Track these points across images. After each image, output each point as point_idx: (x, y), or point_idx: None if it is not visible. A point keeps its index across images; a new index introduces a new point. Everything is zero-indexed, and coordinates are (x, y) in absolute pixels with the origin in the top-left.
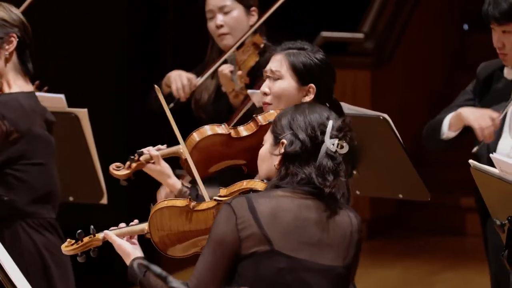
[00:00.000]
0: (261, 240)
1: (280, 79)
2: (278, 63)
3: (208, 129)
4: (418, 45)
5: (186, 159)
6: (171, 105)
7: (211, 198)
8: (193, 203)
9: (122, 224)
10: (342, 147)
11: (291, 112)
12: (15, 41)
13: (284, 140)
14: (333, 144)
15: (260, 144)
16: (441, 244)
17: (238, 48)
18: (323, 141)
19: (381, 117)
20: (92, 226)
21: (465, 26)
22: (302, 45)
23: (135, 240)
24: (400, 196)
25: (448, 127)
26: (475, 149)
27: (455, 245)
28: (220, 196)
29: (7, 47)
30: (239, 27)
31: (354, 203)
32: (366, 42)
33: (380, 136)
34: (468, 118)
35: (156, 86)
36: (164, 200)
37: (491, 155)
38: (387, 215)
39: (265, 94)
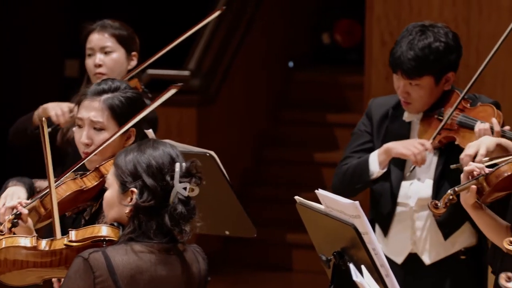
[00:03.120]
0: None
1: (104, 129)
2: (98, 112)
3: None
4: (243, 82)
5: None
6: (49, 129)
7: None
8: (40, 244)
9: None
10: (192, 190)
11: (135, 154)
12: None
13: (133, 189)
14: (184, 189)
15: None
16: (268, 280)
17: None
18: (173, 186)
19: (208, 154)
20: None
21: (290, 64)
22: (114, 84)
23: None
24: (227, 233)
25: (378, 165)
26: (408, 173)
27: (282, 281)
28: (70, 241)
29: None
30: (117, 70)
31: None
32: (192, 80)
33: (207, 173)
34: (397, 149)
35: (44, 119)
36: (10, 237)
37: (316, 191)
38: (213, 252)
39: (86, 144)
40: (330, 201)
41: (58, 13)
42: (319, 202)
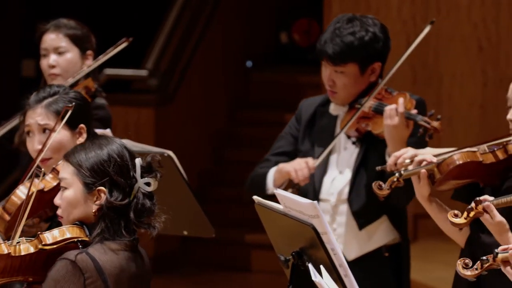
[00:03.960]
0: None
1: (53, 131)
2: (43, 117)
3: None
4: (202, 82)
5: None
6: None
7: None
8: (13, 249)
9: None
10: (154, 184)
11: (96, 152)
12: None
13: (101, 188)
14: (147, 184)
15: None
16: (226, 280)
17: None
18: (136, 181)
19: (166, 154)
20: None
21: (249, 64)
22: (52, 90)
23: None
24: (185, 233)
25: (273, 182)
26: (290, 190)
27: (240, 282)
28: (45, 244)
29: None
30: (72, 70)
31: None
32: (150, 80)
33: (165, 173)
34: (285, 167)
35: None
36: None
37: (274, 190)
38: (171, 251)
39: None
40: (289, 201)
41: (14, 12)
42: (278, 202)
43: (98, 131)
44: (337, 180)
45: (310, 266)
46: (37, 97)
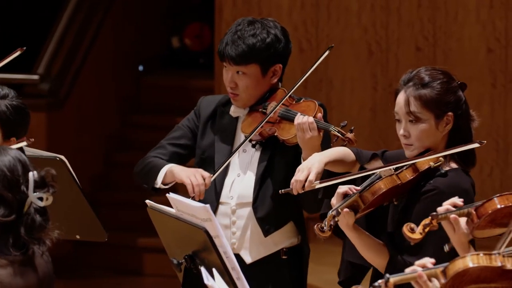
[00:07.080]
0: None
1: None
2: None
3: None
4: (94, 86)
5: None
6: None
7: None
8: None
9: None
10: (47, 199)
11: None
12: None
13: None
14: (39, 199)
15: None
16: (119, 284)
17: None
18: (27, 196)
19: (58, 158)
20: None
21: (140, 68)
22: (3, 92)
23: None
24: (78, 237)
25: (162, 179)
26: (190, 199)
27: (133, 285)
28: None
29: None
30: None
31: None
32: (41, 84)
33: (57, 178)
34: (179, 175)
35: None
36: None
37: (167, 194)
38: (64, 256)
39: None
40: (181, 205)
41: None
42: (171, 206)
43: None
44: (236, 183)
45: (203, 269)
46: None
